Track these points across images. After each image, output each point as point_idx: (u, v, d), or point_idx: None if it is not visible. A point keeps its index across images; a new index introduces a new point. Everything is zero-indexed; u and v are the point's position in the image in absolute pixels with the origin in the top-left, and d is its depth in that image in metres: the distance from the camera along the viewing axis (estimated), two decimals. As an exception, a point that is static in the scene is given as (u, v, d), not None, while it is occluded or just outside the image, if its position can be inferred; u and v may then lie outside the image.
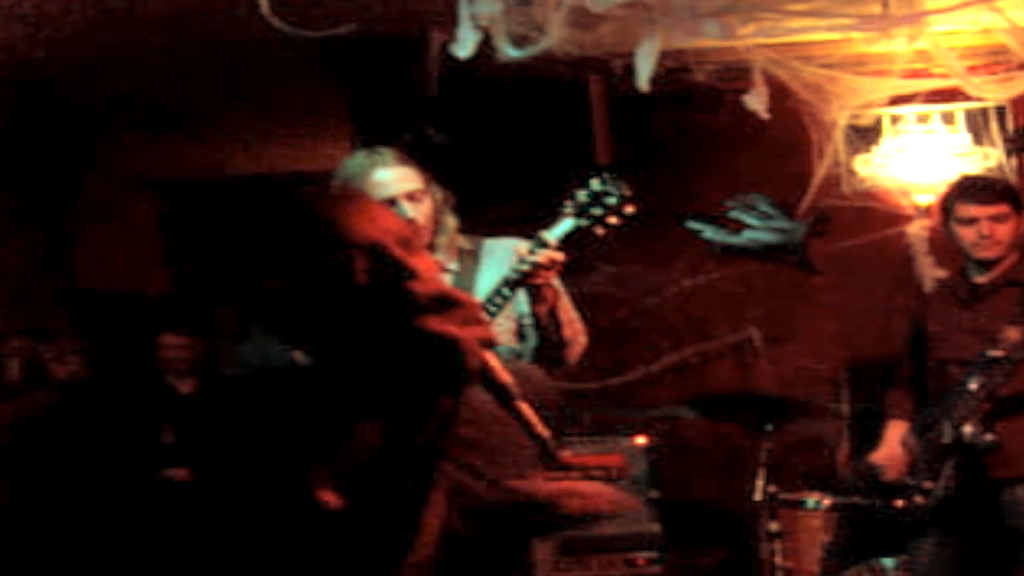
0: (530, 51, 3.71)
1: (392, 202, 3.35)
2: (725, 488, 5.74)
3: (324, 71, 5.67)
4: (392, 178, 3.39)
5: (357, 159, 3.46)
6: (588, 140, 5.51)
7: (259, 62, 5.58)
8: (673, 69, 4.68)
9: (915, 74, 5.10)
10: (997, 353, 4.16)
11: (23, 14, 4.94)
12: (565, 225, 3.35)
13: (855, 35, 4.44)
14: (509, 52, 3.69)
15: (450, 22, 4.02)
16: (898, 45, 4.55)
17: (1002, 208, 4.31)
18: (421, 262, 1.77)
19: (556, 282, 3.42)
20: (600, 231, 3.36)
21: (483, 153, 5.46)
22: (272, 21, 3.75)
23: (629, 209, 3.34)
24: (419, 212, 3.39)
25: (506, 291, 3.33)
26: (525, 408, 1.82)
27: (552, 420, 1.92)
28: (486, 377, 1.80)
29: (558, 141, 5.55)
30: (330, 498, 1.75)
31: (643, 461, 5.30)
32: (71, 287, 7.36)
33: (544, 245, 3.30)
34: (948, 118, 5.63)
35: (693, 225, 5.78)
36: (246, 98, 6.31)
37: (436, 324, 1.70)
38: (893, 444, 4.47)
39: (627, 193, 3.34)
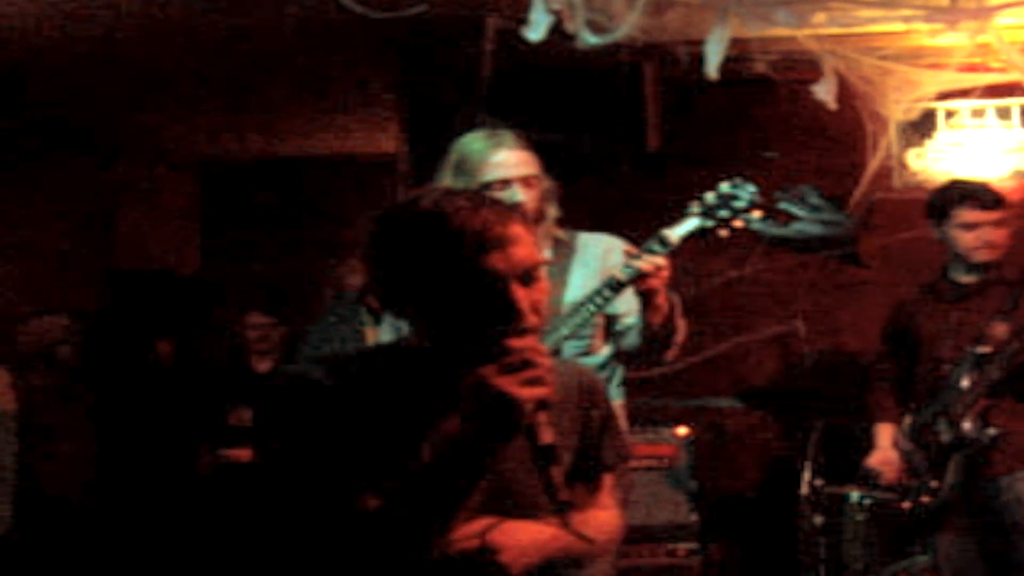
0: (607, 38, 3.65)
1: (507, 183, 3.27)
2: (766, 480, 5.72)
3: (376, 52, 5.62)
4: (512, 160, 3.30)
5: (476, 139, 3.35)
6: (640, 127, 5.46)
7: (309, 40, 5.54)
8: (733, 58, 4.64)
9: (972, 68, 5.05)
10: (986, 349, 4.22)
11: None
12: (689, 225, 3.26)
13: (919, 27, 4.39)
14: (587, 39, 3.62)
15: (515, 7, 3.99)
16: (961, 38, 4.51)
17: (1001, 214, 4.35)
18: (531, 296, 1.89)
19: (673, 295, 3.28)
20: (724, 233, 3.28)
21: (534, 139, 5.42)
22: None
23: (756, 213, 3.27)
24: (530, 197, 3.29)
25: (608, 292, 3.23)
26: (556, 474, 1.87)
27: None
28: (530, 435, 1.87)
29: (609, 128, 5.50)
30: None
31: (684, 452, 5.29)
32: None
33: (665, 243, 3.20)
34: (1004, 113, 5.61)
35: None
36: (293, 77, 6.25)
37: (500, 380, 1.81)
38: (886, 447, 4.48)
39: (756, 197, 3.28)
